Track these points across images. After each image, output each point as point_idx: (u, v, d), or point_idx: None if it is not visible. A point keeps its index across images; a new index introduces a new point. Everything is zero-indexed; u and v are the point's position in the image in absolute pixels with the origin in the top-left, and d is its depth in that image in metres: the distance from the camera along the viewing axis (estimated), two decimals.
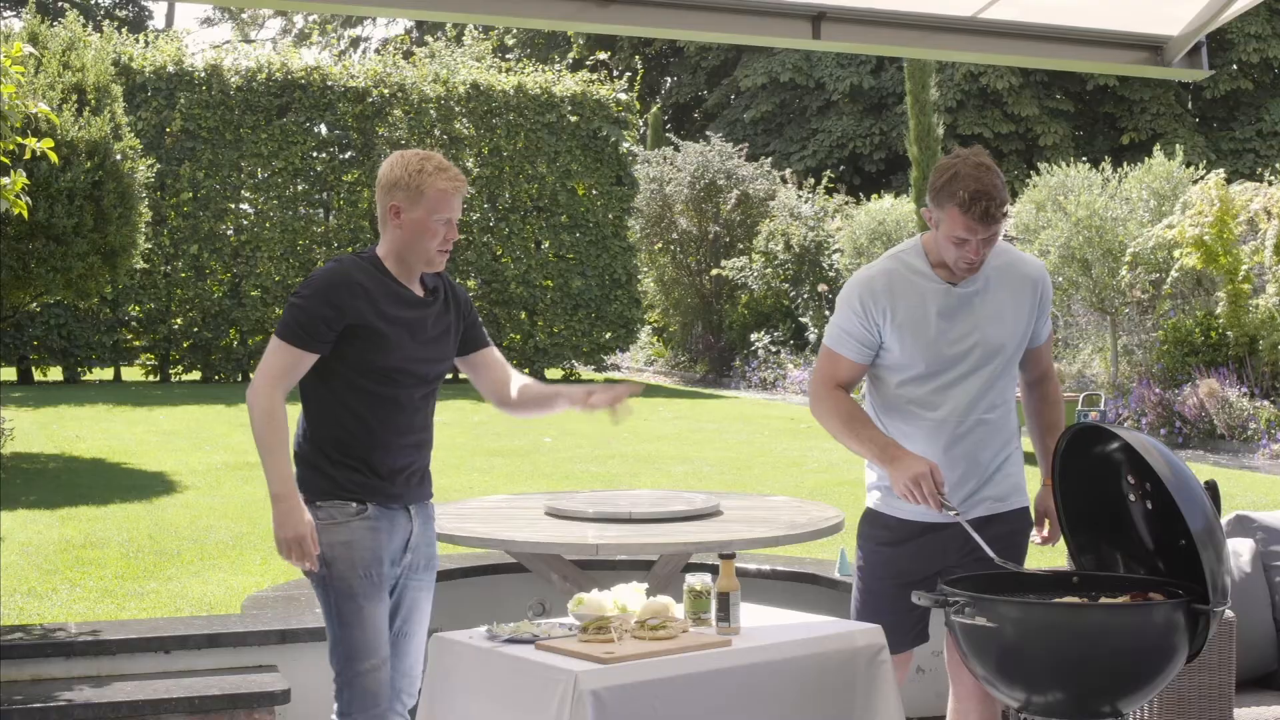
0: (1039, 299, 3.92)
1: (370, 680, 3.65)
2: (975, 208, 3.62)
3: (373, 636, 3.66)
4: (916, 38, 4.68)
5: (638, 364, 27.43)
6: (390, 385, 3.68)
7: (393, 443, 3.71)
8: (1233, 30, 28.16)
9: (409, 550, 3.78)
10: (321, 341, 3.62)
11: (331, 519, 3.65)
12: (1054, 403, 4.05)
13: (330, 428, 3.69)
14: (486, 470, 11.61)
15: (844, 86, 31.32)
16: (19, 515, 8.98)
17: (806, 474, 11.54)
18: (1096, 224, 16.57)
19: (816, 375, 3.92)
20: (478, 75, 21.98)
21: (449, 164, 3.73)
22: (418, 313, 3.74)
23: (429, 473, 3.88)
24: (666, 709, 3.28)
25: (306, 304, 3.63)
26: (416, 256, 3.72)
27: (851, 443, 3.81)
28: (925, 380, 3.82)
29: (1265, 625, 4.36)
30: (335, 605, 3.66)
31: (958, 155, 3.72)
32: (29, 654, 5.13)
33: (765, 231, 23.96)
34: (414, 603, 3.84)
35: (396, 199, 3.69)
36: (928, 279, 3.81)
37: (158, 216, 19.22)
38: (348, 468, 3.68)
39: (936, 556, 3.84)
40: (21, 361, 19.43)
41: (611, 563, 5.89)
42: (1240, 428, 13.77)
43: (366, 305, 3.63)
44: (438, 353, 3.80)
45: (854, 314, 3.83)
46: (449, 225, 3.71)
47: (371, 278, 3.69)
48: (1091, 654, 3.17)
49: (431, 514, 3.89)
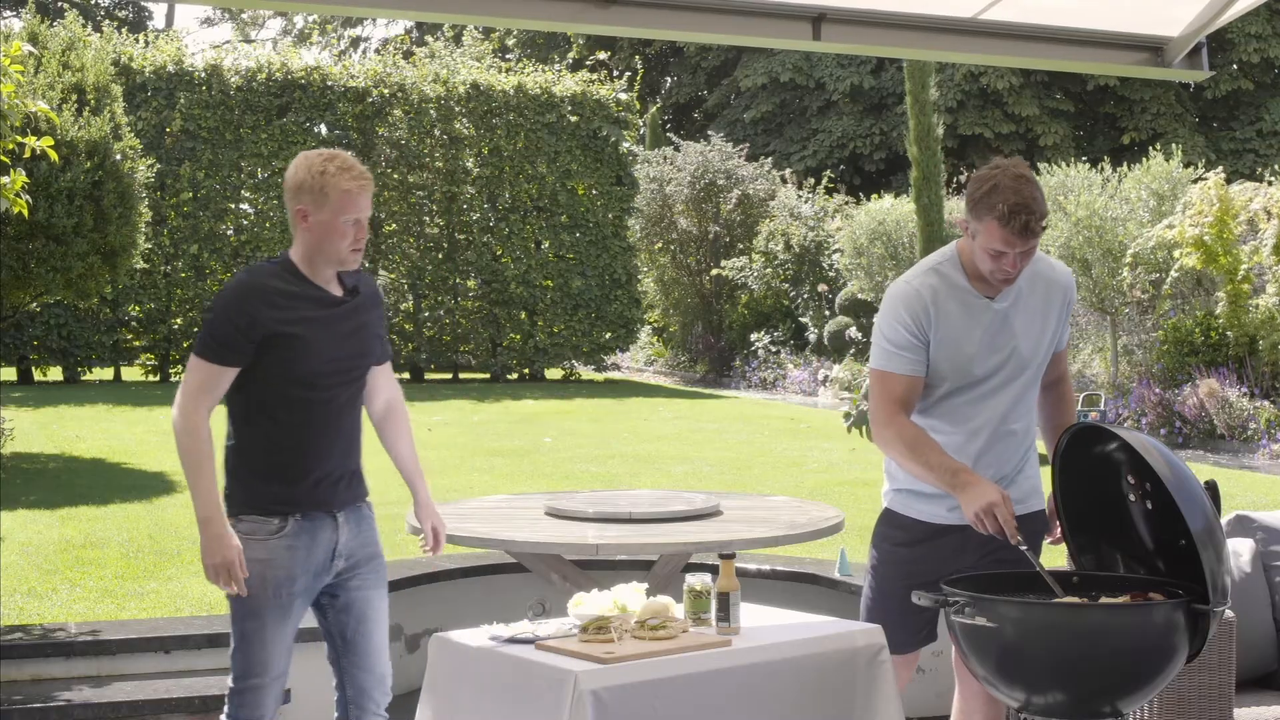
0: (1068, 304, 3.90)
1: (258, 695, 3.66)
2: (1015, 221, 3.57)
3: (269, 654, 3.65)
4: (916, 38, 4.67)
5: (638, 364, 27.44)
6: (312, 389, 3.63)
7: (319, 448, 3.66)
8: (1233, 30, 28.16)
9: (339, 558, 3.73)
10: (238, 354, 3.57)
11: (251, 534, 3.60)
12: (1068, 403, 4.04)
13: (254, 438, 3.65)
14: (486, 470, 11.61)
15: (844, 87, 31.33)
16: (19, 515, 8.98)
17: (806, 474, 11.54)
18: (1096, 224, 16.57)
19: (874, 403, 3.81)
20: (478, 75, 21.99)
21: (354, 162, 3.66)
22: (336, 314, 3.68)
23: (359, 475, 3.82)
24: (666, 709, 3.28)
25: (219, 317, 3.58)
26: (328, 258, 3.65)
27: (918, 469, 3.72)
28: (957, 394, 3.80)
29: (1265, 625, 4.36)
30: (240, 619, 3.64)
31: (997, 166, 3.65)
32: (29, 654, 5.13)
33: (765, 231, 23.96)
34: (364, 604, 3.79)
35: (302, 202, 3.62)
36: (970, 294, 3.76)
37: (158, 216, 19.22)
38: (272, 478, 3.64)
39: (952, 558, 3.82)
40: (21, 361, 19.44)
41: (611, 563, 5.89)
42: (1240, 428, 13.77)
43: (280, 313, 3.58)
44: (359, 351, 3.74)
45: (902, 327, 3.74)
46: (358, 225, 3.64)
47: (285, 282, 3.63)
48: (1091, 654, 3.17)
49: (366, 515, 3.82)
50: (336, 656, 3.84)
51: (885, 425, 3.75)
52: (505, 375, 22.25)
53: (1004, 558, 3.81)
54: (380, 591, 3.84)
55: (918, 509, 3.87)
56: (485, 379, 22.30)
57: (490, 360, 22.08)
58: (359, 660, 3.81)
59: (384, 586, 3.86)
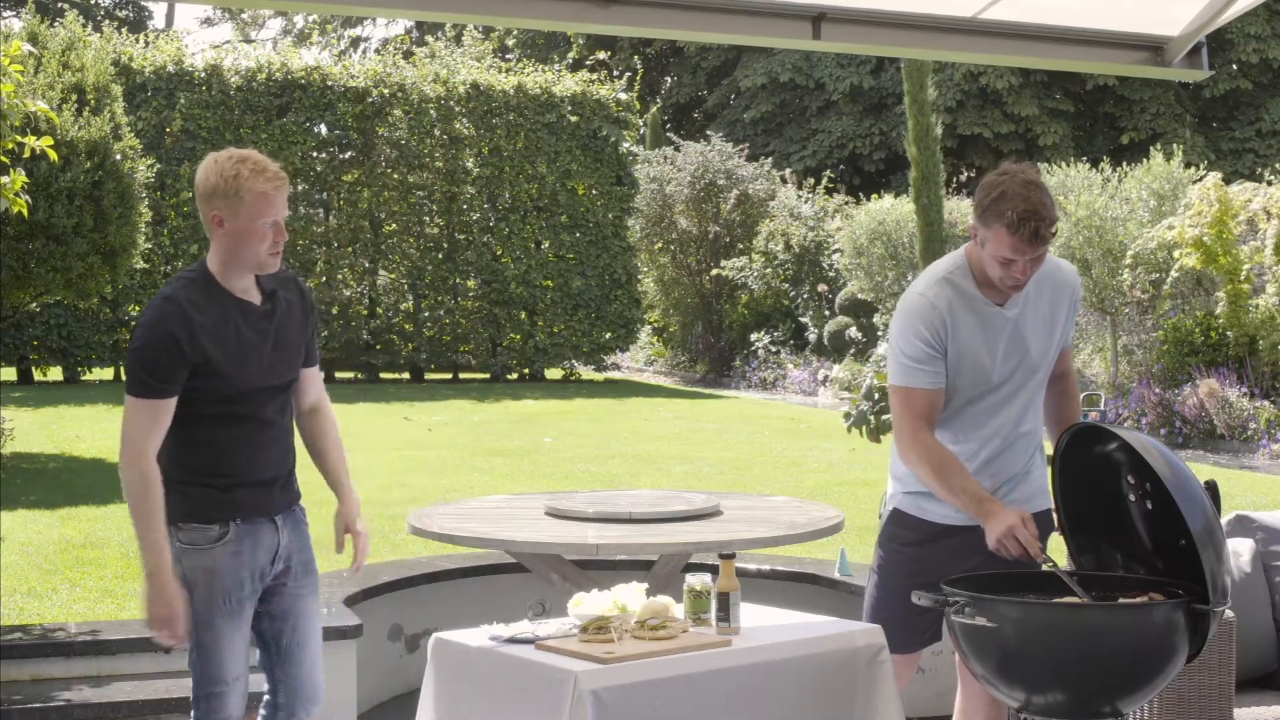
0: (1074, 306, 3.89)
1: (221, 701, 3.63)
2: (1024, 228, 3.53)
3: (229, 658, 3.61)
4: (916, 38, 4.68)
5: (638, 364, 27.44)
6: (244, 405, 3.57)
7: (251, 456, 3.61)
8: (1233, 30, 28.16)
9: (278, 560, 3.68)
10: (173, 384, 3.47)
11: (193, 544, 3.55)
12: (1072, 398, 4.02)
13: (185, 448, 3.57)
14: (486, 470, 11.61)
15: (844, 87, 31.32)
16: (19, 515, 8.98)
17: (806, 474, 11.54)
18: (1096, 224, 16.57)
19: (897, 420, 3.80)
20: (478, 75, 21.98)
21: (268, 162, 3.55)
22: (258, 325, 3.60)
23: (293, 478, 3.76)
24: (666, 709, 3.28)
25: (146, 352, 3.46)
26: (246, 263, 3.55)
27: (942, 492, 3.72)
28: (972, 404, 3.79)
29: (1265, 625, 4.36)
30: (194, 630, 3.59)
31: (1006, 172, 3.62)
32: (29, 654, 5.13)
33: (765, 231, 23.96)
34: (301, 612, 3.75)
35: (216, 207, 3.51)
36: (982, 303, 3.74)
37: (158, 216, 19.22)
38: (209, 487, 3.57)
39: (959, 558, 3.82)
40: (21, 361, 19.44)
41: (611, 563, 5.88)
42: (1240, 428, 13.77)
43: (203, 338, 3.48)
44: (286, 357, 3.66)
45: (920, 340, 3.71)
46: (276, 227, 3.52)
47: (203, 299, 3.52)
48: (1091, 654, 3.17)
49: (300, 519, 3.77)
50: (270, 665, 3.77)
51: (910, 445, 3.73)
52: (505, 375, 22.25)
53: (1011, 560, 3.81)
54: (314, 599, 3.79)
55: (927, 509, 3.87)
56: (485, 379, 22.30)
57: (490, 360, 22.07)
58: (292, 670, 3.76)
59: (317, 595, 3.81)
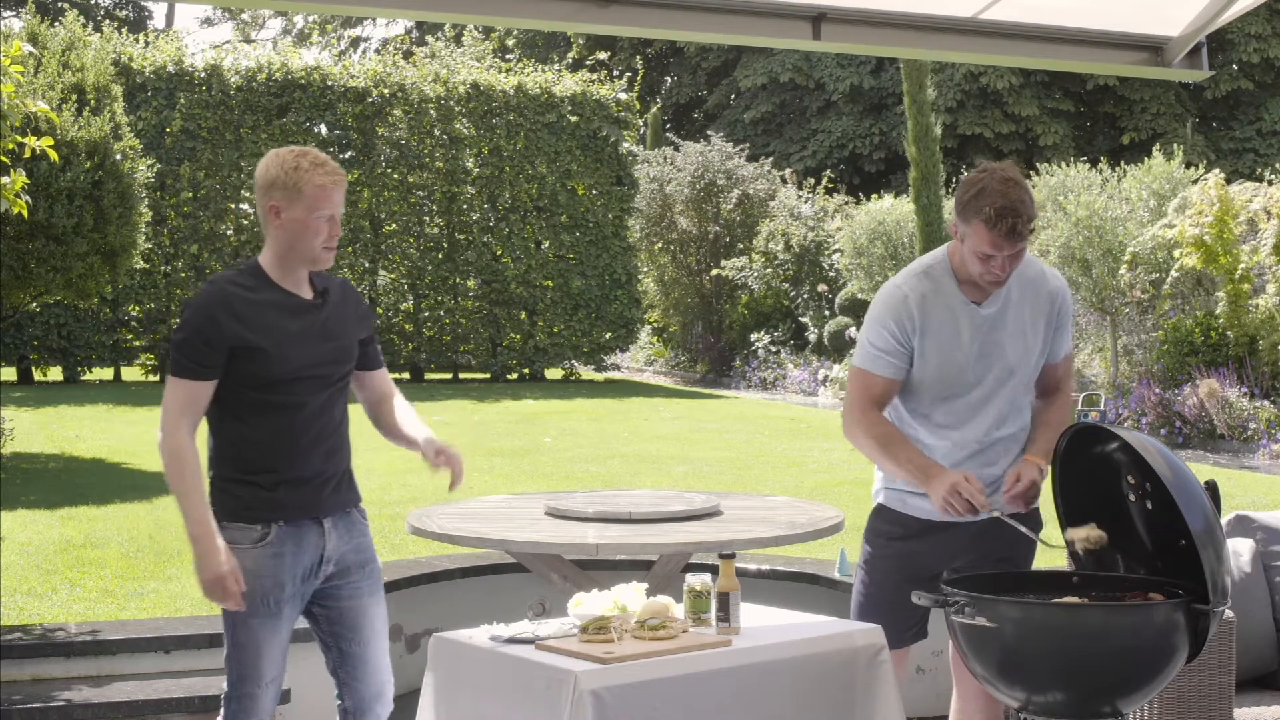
0: (1056, 314, 3.86)
1: (252, 701, 3.65)
2: (1001, 224, 3.57)
3: (264, 659, 3.63)
4: (916, 38, 4.68)
5: (638, 364, 27.44)
6: (287, 394, 3.59)
7: (294, 453, 3.62)
8: (1233, 30, 28.17)
9: (326, 563, 3.69)
10: (211, 367, 3.53)
11: (234, 544, 3.57)
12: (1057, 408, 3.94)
13: (234, 446, 3.62)
14: (486, 470, 11.61)
15: (844, 87, 31.33)
16: (19, 515, 8.98)
17: (806, 474, 11.54)
18: (1096, 224, 16.57)
19: (850, 398, 3.86)
20: (478, 75, 21.99)
21: (326, 158, 3.62)
22: (306, 319, 3.63)
23: (349, 479, 3.77)
24: (666, 709, 3.28)
25: (187, 334, 3.54)
26: (301, 256, 3.61)
27: (888, 464, 3.78)
28: (944, 401, 3.81)
29: (1265, 625, 4.36)
30: (232, 627, 3.62)
31: (986, 169, 3.67)
32: (29, 654, 5.13)
33: (765, 231, 23.96)
34: (359, 612, 3.76)
35: (275, 198, 3.57)
36: (958, 299, 3.77)
37: (158, 216, 19.23)
38: (253, 485, 3.60)
39: (945, 555, 3.84)
40: (21, 361, 19.44)
41: (611, 563, 5.88)
42: (1240, 428, 13.77)
43: (244, 324, 3.53)
44: (334, 354, 3.68)
45: (887, 332, 3.77)
46: (331, 221, 3.59)
47: (250, 291, 3.58)
48: (1091, 654, 3.17)
49: (357, 520, 3.78)
50: (335, 667, 3.80)
51: (857, 422, 3.81)
52: (505, 375, 22.25)
53: (999, 556, 3.82)
54: (376, 599, 3.80)
55: (912, 504, 3.89)
56: (485, 379, 22.30)
57: (490, 360, 22.07)
58: (357, 672, 3.78)
59: (379, 594, 3.81)
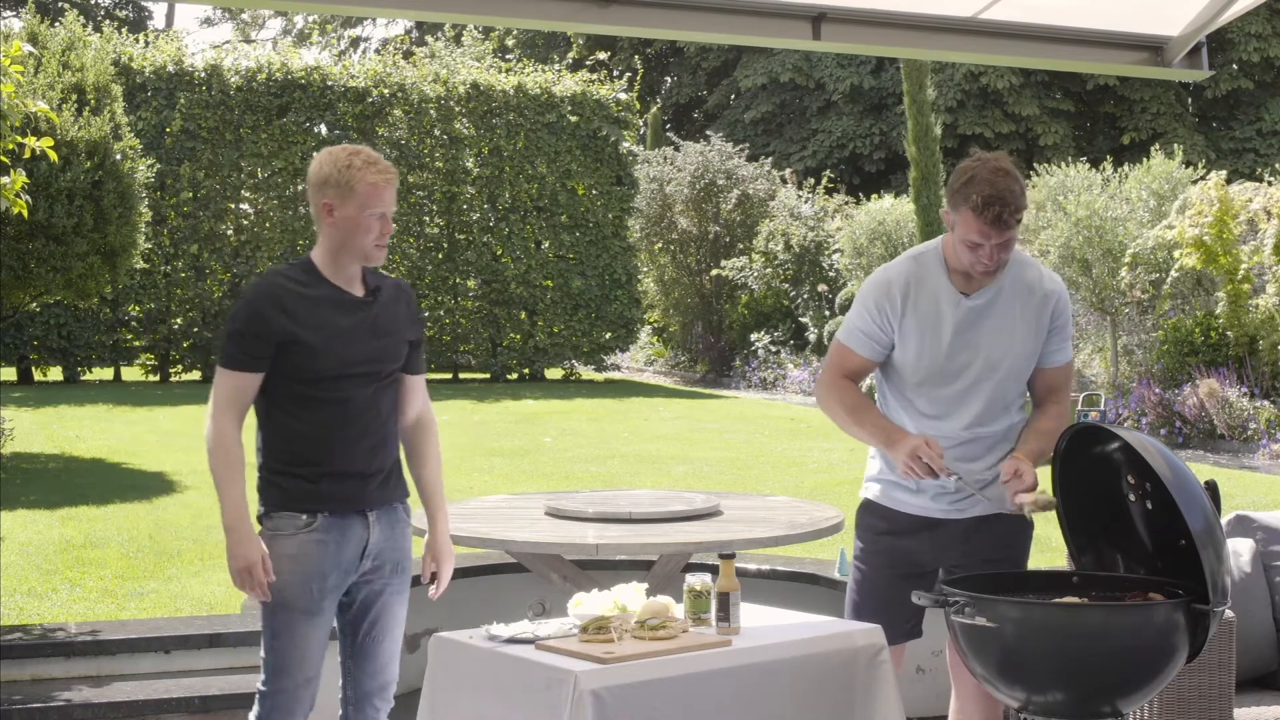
0: (1051, 317, 3.83)
1: (290, 698, 3.65)
2: (988, 212, 3.59)
3: (302, 654, 3.63)
4: (916, 38, 4.68)
5: (638, 364, 27.43)
6: (333, 389, 3.63)
7: (339, 445, 3.65)
8: (1233, 30, 28.17)
9: (367, 558, 3.72)
10: (260, 359, 3.59)
11: (279, 531, 3.61)
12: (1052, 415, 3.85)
13: (281, 437, 3.66)
14: (486, 470, 11.61)
15: (844, 87, 31.33)
16: (19, 515, 8.98)
17: (806, 474, 11.54)
18: (1096, 224, 16.56)
19: (825, 367, 3.94)
20: (478, 75, 21.98)
21: (378, 157, 3.68)
22: (356, 315, 3.68)
23: (397, 474, 3.80)
24: (666, 709, 3.28)
25: (236, 326, 3.60)
26: (352, 254, 3.67)
27: (856, 430, 3.84)
28: (926, 389, 3.82)
29: (1265, 625, 4.36)
30: (271, 615, 3.64)
31: (979, 158, 3.70)
32: (29, 654, 5.14)
33: (765, 231, 23.95)
34: (384, 608, 3.78)
35: (328, 196, 3.64)
36: (945, 287, 3.79)
37: (158, 216, 19.22)
38: (298, 476, 3.63)
39: (934, 551, 3.86)
40: (21, 361, 19.43)
41: (611, 563, 5.88)
42: (1240, 428, 13.77)
43: (293, 319, 3.58)
44: (382, 351, 3.72)
45: (868, 313, 3.84)
46: (383, 220, 3.67)
47: (302, 286, 3.64)
48: (1091, 654, 3.17)
49: (401, 517, 3.81)
50: (344, 656, 3.83)
51: (830, 389, 3.89)
52: (505, 375, 22.25)
53: (989, 555, 3.81)
54: (401, 599, 3.83)
55: (898, 499, 3.91)
56: (485, 379, 22.30)
57: (490, 360, 22.07)
58: (365, 665, 3.79)
59: (405, 593, 3.84)
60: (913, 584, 3.79)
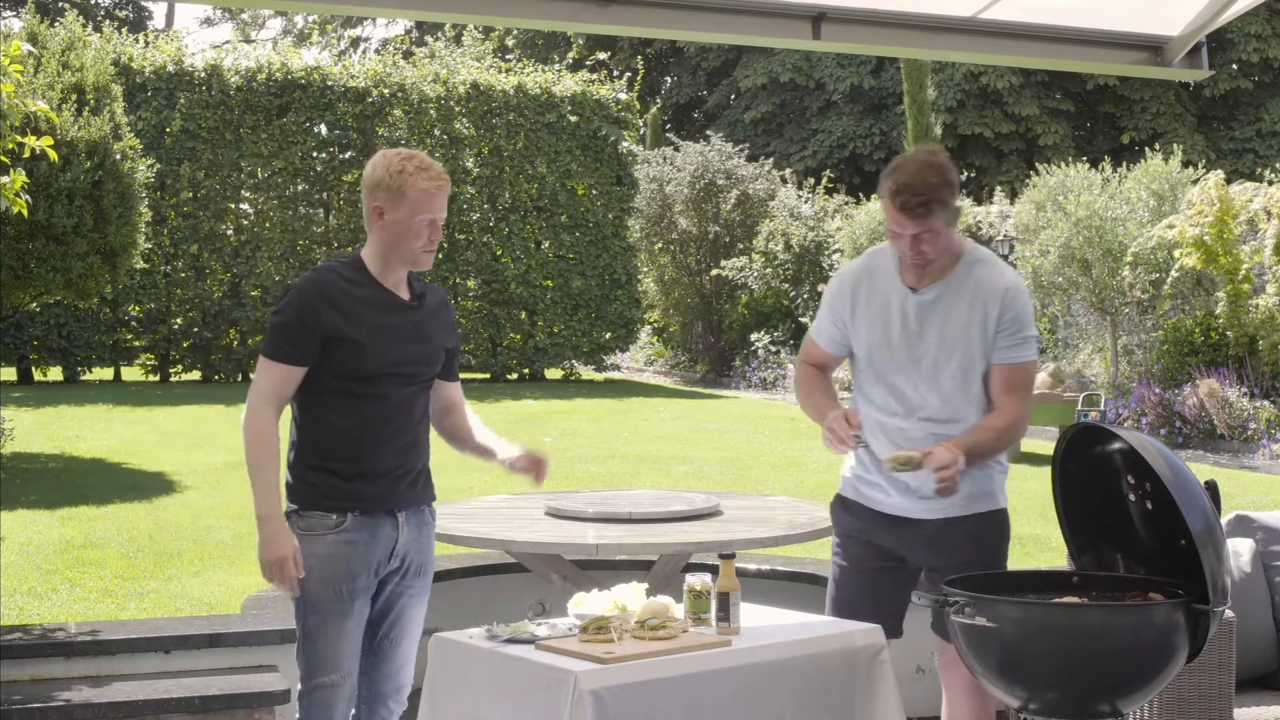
0: (1001, 312, 3.74)
1: (328, 695, 3.65)
2: (897, 199, 3.66)
3: (335, 652, 3.64)
4: (916, 38, 4.68)
5: (638, 364, 27.43)
6: (375, 387, 3.65)
7: (379, 445, 3.66)
8: (1233, 30, 28.17)
9: (395, 557, 3.72)
10: (305, 353, 3.60)
11: (310, 530, 3.62)
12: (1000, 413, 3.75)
13: (316, 433, 3.67)
14: (487, 470, 11.54)
15: (844, 87, 31.34)
16: (19, 515, 8.97)
17: (806, 474, 11.54)
18: (1096, 224, 16.56)
19: (799, 359, 4.09)
20: (478, 75, 21.98)
21: (432, 163, 3.68)
22: (401, 317, 3.70)
23: (426, 476, 3.81)
24: (666, 709, 3.28)
25: (285, 318, 3.61)
26: (401, 257, 3.68)
27: (805, 408, 3.98)
28: (881, 383, 3.87)
29: (1265, 625, 4.36)
30: (303, 616, 3.65)
31: (918, 151, 3.77)
32: (29, 654, 5.13)
33: (765, 231, 23.96)
34: (403, 609, 3.79)
35: (379, 199, 3.64)
36: (893, 283, 3.85)
37: (158, 216, 19.22)
38: (330, 473, 3.64)
39: (906, 549, 3.91)
40: (21, 361, 19.44)
41: (611, 563, 5.88)
42: (1240, 428, 13.77)
43: (341, 315, 3.60)
44: (423, 355, 3.75)
45: (827, 309, 3.97)
46: (433, 225, 3.66)
47: (350, 283, 3.65)
48: (1091, 654, 3.17)
49: (427, 520, 3.82)
50: (362, 655, 3.81)
51: (797, 372, 4.09)
52: (505, 375, 22.25)
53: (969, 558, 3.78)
54: (421, 602, 3.84)
55: (865, 494, 3.96)
56: (485, 379, 22.29)
57: (490, 360, 22.07)
58: (381, 666, 3.80)
59: (426, 596, 3.85)
60: (890, 575, 3.84)
